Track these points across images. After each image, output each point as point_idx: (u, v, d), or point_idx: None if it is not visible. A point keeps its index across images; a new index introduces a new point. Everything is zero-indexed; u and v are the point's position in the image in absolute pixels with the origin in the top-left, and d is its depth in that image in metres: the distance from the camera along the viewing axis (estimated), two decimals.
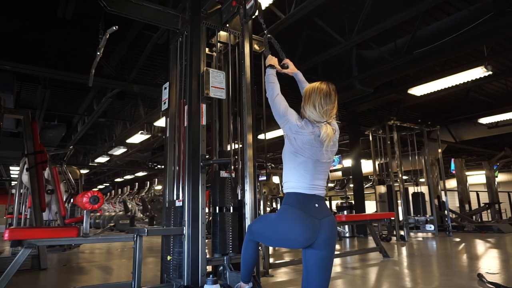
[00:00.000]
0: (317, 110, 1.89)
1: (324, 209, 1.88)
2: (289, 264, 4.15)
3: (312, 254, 1.85)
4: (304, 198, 1.86)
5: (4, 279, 2.58)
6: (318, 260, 1.84)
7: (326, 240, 1.83)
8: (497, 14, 4.69)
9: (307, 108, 1.93)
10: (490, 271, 3.69)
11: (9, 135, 9.43)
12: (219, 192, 3.07)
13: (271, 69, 2.21)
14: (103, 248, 7.22)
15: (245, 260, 2.14)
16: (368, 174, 12.77)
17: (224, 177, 3.11)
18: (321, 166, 1.91)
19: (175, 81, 3.46)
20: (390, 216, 6.77)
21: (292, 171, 1.90)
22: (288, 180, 1.92)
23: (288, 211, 1.86)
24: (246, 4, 2.88)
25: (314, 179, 1.88)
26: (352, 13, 5.39)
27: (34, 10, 5.25)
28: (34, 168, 4.90)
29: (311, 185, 1.88)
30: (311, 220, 1.81)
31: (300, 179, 1.88)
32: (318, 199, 1.88)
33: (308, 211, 1.83)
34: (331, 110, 1.91)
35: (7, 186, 19.10)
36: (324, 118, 1.89)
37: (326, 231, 1.83)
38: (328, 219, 1.85)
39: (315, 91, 1.93)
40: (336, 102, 1.93)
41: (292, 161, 1.91)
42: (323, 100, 1.89)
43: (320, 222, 1.82)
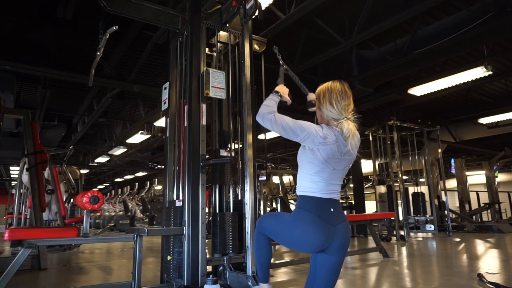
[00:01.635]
0: (335, 107, 1.83)
1: (339, 214, 1.84)
2: (289, 264, 4.15)
3: (323, 259, 1.82)
4: (320, 202, 1.81)
5: (4, 279, 2.58)
6: (328, 265, 1.81)
7: (340, 246, 1.79)
8: (497, 14, 4.69)
9: (324, 108, 1.86)
10: (490, 271, 3.69)
11: (9, 135, 9.43)
12: (218, 171, 3.06)
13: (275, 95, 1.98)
14: (103, 248, 7.22)
15: (258, 257, 2.04)
16: (368, 174, 12.77)
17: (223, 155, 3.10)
18: (338, 173, 1.86)
19: (175, 81, 3.46)
20: (390, 216, 6.77)
21: (308, 176, 1.84)
22: (303, 183, 1.86)
23: (303, 215, 1.80)
24: (246, 4, 2.88)
25: (329, 185, 1.83)
26: (352, 13, 5.39)
27: (34, 10, 5.25)
28: (34, 168, 4.90)
29: (326, 190, 1.83)
30: (326, 226, 1.76)
31: (316, 184, 1.82)
32: (333, 203, 1.84)
33: (324, 217, 1.78)
34: (348, 105, 1.85)
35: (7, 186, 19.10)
36: (343, 114, 1.83)
37: (340, 237, 1.79)
38: (342, 225, 1.81)
39: (329, 89, 1.87)
40: (351, 98, 1.88)
41: (309, 169, 1.84)
42: (339, 96, 1.84)
43: (335, 229, 1.78)
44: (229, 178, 3.11)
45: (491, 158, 12.54)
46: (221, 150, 3.12)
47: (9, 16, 5.30)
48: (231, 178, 3.12)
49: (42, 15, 5.32)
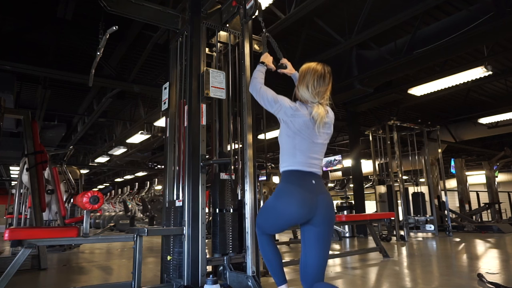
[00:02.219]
0: (309, 90, 1.93)
1: (321, 187, 1.91)
2: (289, 264, 4.15)
3: (310, 231, 1.88)
4: (301, 174, 1.89)
5: (4, 279, 2.58)
6: (316, 236, 1.86)
7: (325, 217, 1.86)
8: (497, 14, 4.69)
9: (300, 88, 1.98)
10: (490, 271, 3.69)
11: (9, 135, 9.43)
12: (219, 194, 3.06)
13: (261, 66, 2.26)
14: (103, 248, 7.22)
15: (268, 259, 2.05)
16: (368, 174, 12.78)
17: (224, 179, 3.10)
18: (317, 146, 1.94)
19: (175, 81, 3.46)
20: (390, 216, 6.76)
21: (289, 151, 1.94)
22: (284, 159, 1.96)
23: (285, 187, 1.90)
24: (246, 4, 2.88)
25: (310, 158, 1.92)
26: (352, 13, 5.39)
27: (34, 10, 5.25)
28: (34, 168, 4.90)
29: (307, 163, 1.91)
30: (307, 195, 1.84)
31: (296, 158, 1.91)
32: (315, 176, 1.92)
33: (305, 187, 1.86)
34: (323, 92, 1.96)
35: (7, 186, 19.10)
36: (316, 99, 1.94)
37: (323, 208, 1.86)
38: (324, 195, 1.89)
39: (310, 72, 1.97)
40: (330, 85, 1.98)
41: (288, 143, 1.94)
42: (316, 82, 1.94)
43: (317, 198, 1.85)
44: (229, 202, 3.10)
45: (491, 158, 12.54)
46: (221, 174, 3.11)
47: (9, 16, 5.31)
48: (232, 202, 3.11)
49: (42, 15, 5.32)
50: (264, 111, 3.49)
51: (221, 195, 3.06)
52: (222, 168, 3.14)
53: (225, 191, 3.09)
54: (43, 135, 9.90)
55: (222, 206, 3.05)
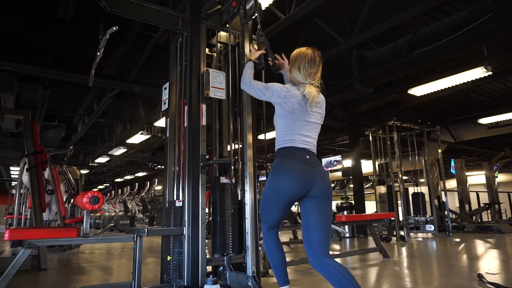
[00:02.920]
0: (301, 72, 2.05)
1: (315, 160, 1.98)
2: (289, 264, 4.15)
3: (310, 203, 1.93)
4: (295, 150, 1.96)
5: (4, 279, 2.58)
6: (316, 206, 1.92)
7: (322, 189, 1.92)
8: (497, 15, 4.69)
9: (293, 71, 2.09)
10: (490, 272, 3.69)
11: (9, 135, 9.43)
12: (219, 198, 3.06)
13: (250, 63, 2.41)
14: (103, 249, 7.22)
15: (272, 259, 2.05)
16: (368, 174, 12.77)
17: (224, 183, 3.10)
18: (310, 125, 2.02)
19: (175, 81, 3.47)
20: (390, 216, 6.76)
21: (283, 130, 2.02)
22: (279, 139, 2.04)
23: (279, 162, 1.97)
24: (246, 4, 2.88)
25: (304, 136, 2.00)
26: (352, 13, 5.39)
27: (34, 10, 5.25)
28: (34, 168, 4.90)
29: (301, 140, 1.98)
30: (303, 167, 1.90)
31: (290, 136, 1.99)
32: (309, 152, 1.98)
33: (300, 160, 1.92)
34: (315, 73, 2.07)
35: (7, 186, 19.10)
36: (307, 80, 2.05)
37: (320, 180, 1.92)
38: (320, 168, 1.96)
39: (301, 55, 2.09)
40: (320, 67, 2.10)
41: (282, 122, 2.03)
42: (307, 64, 2.05)
43: (313, 170, 1.92)
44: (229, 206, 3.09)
45: (491, 158, 12.54)
46: (221, 178, 3.11)
47: (9, 16, 5.31)
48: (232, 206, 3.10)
49: (42, 15, 5.32)
50: (264, 111, 3.49)
51: (221, 199, 3.06)
52: (222, 172, 3.14)
53: (225, 195, 3.09)
54: (43, 135, 9.90)
55: (222, 211, 3.04)
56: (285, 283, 2.02)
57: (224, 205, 3.07)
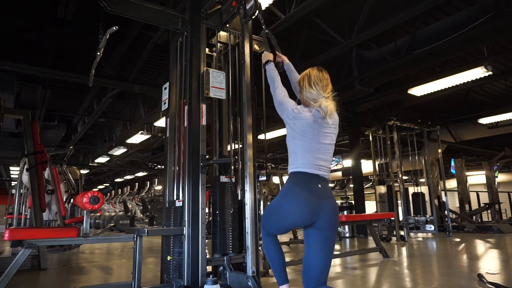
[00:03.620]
0: (313, 87, 2.00)
1: (327, 191, 1.93)
2: (289, 264, 4.15)
3: (313, 234, 1.90)
4: (307, 177, 1.92)
5: (4, 279, 2.58)
6: (319, 238, 1.88)
7: (328, 221, 1.88)
8: (497, 14, 4.69)
9: (304, 90, 2.05)
10: (490, 271, 3.69)
11: (9, 135, 9.43)
12: (219, 197, 3.06)
13: (270, 64, 2.34)
14: (103, 248, 7.22)
15: (271, 258, 2.07)
16: (368, 174, 12.77)
17: (224, 182, 3.10)
18: (324, 147, 1.98)
19: (175, 81, 3.46)
20: (390, 216, 6.76)
21: (296, 153, 1.97)
22: (292, 162, 2.00)
23: (290, 188, 1.93)
24: (246, 4, 2.88)
25: (317, 160, 1.94)
26: (352, 13, 5.39)
27: (34, 10, 5.25)
28: (34, 168, 4.90)
29: (315, 165, 1.93)
30: (312, 199, 1.86)
31: (303, 160, 1.94)
32: (321, 180, 1.94)
33: (310, 190, 1.88)
34: (326, 86, 2.03)
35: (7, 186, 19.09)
36: (322, 93, 2.00)
37: (327, 212, 1.88)
38: (329, 201, 1.91)
39: (307, 74, 2.08)
40: (329, 79, 2.07)
41: (295, 144, 1.99)
42: (316, 78, 2.02)
43: (321, 202, 1.87)
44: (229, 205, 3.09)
45: (491, 158, 12.53)
46: (221, 177, 3.11)
47: (9, 16, 5.31)
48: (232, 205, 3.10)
49: (42, 15, 5.32)
50: (264, 111, 3.49)
51: (221, 198, 3.06)
52: (222, 171, 3.14)
53: (225, 194, 3.09)
54: (43, 135, 9.90)
55: (222, 210, 3.05)
56: (284, 281, 2.04)
57: (224, 204, 3.07)
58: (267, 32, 2.66)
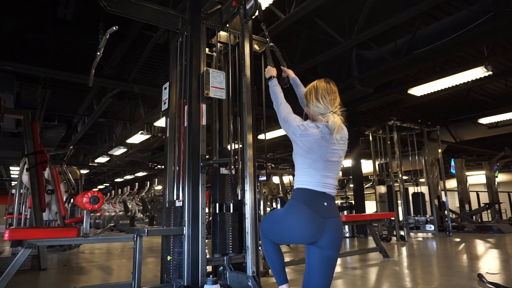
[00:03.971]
0: (321, 101, 1.93)
1: (333, 209, 1.88)
2: (289, 264, 4.15)
3: (316, 253, 1.85)
4: (314, 195, 1.87)
5: (4, 279, 2.58)
6: (321, 259, 1.84)
7: (331, 241, 1.83)
8: (497, 14, 4.69)
9: (311, 104, 1.97)
10: (490, 271, 3.69)
11: (9, 135, 9.43)
12: (219, 189, 3.07)
13: (274, 80, 2.24)
14: (103, 248, 7.22)
15: (270, 259, 2.07)
16: (368, 174, 12.77)
17: (224, 174, 3.11)
18: (332, 165, 1.91)
19: (175, 81, 3.46)
20: (390, 216, 6.76)
21: (303, 170, 1.92)
22: (299, 177, 1.94)
23: (295, 206, 1.87)
24: (246, 4, 2.88)
25: (324, 177, 1.89)
26: (352, 13, 5.39)
27: (34, 10, 5.25)
28: (34, 168, 4.90)
29: (322, 183, 1.88)
30: (316, 218, 1.81)
31: (310, 177, 1.89)
32: (327, 197, 1.89)
33: (315, 208, 1.83)
34: (334, 100, 1.95)
35: (7, 186, 19.09)
36: (329, 108, 1.93)
37: (331, 232, 1.82)
38: (334, 220, 1.85)
39: (315, 87, 2.00)
40: (337, 93, 1.99)
41: (302, 162, 1.92)
42: (324, 91, 1.95)
43: (326, 222, 1.82)
44: (229, 197, 3.10)
45: (491, 158, 12.53)
46: (221, 169, 3.12)
47: (9, 16, 5.31)
48: (232, 197, 3.11)
49: (42, 15, 5.32)
50: (264, 111, 3.49)
51: (221, 190, 3.07)
52: (222, 164, 3.15)
53: (225, 186, 3.10)
54: (43, 135, 9.90)
55: (222, 201, 3.05)
56: (284, 281, 2.03)
57: (224, 196, 3.07)
58: (271, 45, 2.55)
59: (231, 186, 3.12)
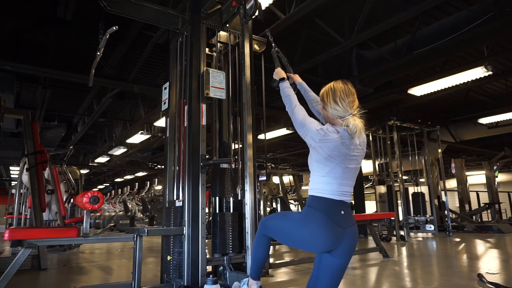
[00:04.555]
0: (339, 104, 1.81)
1: (349, 218, 1.83)
2: (289, 264, 4.15)
3: (327, 260, 1.81)
4: (331, 204, 1.79)
5: (4, 279, 2.58)
6: (332, 267, 1.80)
7: (346, 250, 1.80)
8: (497, 14, 4.69)
9: (328, 107, 1.85)
10: (490, 271, 3.69)
11: (9, 135, 9.43)
12: (218, 183, 3.07)
13: (284, 82, 2.14)
14: (103, 248, 7.22)
15: (256, 255, 2.06)
16: (368, 174, 12.76)
17: (224, 167, 3.11)
18: (349, 172, 1.83)
19: (175, 81, 3.47)
20: (390, 216, 6.77)
21: (320, 178, 1.83)
22: (316, 185, 1.85)
23: (314, 215, 1.79)
24: (246, 4, 2.89)
25: (342, 185, 1.82)
26: (352, 13, 5.39)
27: (34, 10, 5.25)
28: (34, 168, 4.90)
29: (339, 191, 1.81)
30: (335, 228, 1.75)
31: (328, 186, 1.81)
32: (344, 205, 1.82)
33: (334, 218, 1.77)
34: (352, 102, 1.84)
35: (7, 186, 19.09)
36: (348, 110, 1.82)
37: (348, 241, 1.79)
38: (351, 229, 1.81)
39: (332, 89, 1.87)
40: (355, 95, 1.87)
41: (320, 170, 1.83)
42: (342, 93, 1.83)
43: (343, 231, 1.77)
44: (229, 191, 3.10)
45: (491, 158, 12.54)
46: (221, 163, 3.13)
47: (9, 16, 5.30)
48: (232, 191, 3.11)
49: (42, 15, 5.32)
50: (264, 111, 3.50)
51: (221, 184, 3.07)
52: (222, 155, 3.15)
53: (225, 180, 3.10)
54: (43, 135, 9.90)
55: (222, 195, 3.06)
56: (259, 277, 2.09)
57: (224, 190, 3.07)
58: (277, 50, 2.48)
59: (231, 179, 3.13)
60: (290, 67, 2.43)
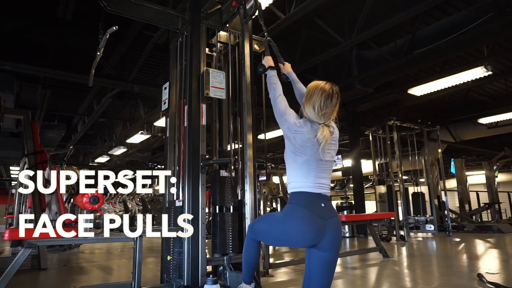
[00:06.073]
0: (315, 111, 1.89)
1: (330, 209, 1.87)
2: (289, 264, 4.15)
3: (316, 255, 1.84)
4: (310, 197, 1.84)
5: (4, 279, 2.58)
6: (321, 261, 1.83)
7: (331, 242, 1.82)
8: (497, 14, 4.69)
9: (306, 107, 1.93)
10: (490, 271, 3.69)
11: (9, 135, 9.42)
12: (219, 191, 3.07)
13: (272, 70, 2.22)
14: (103, 248, 7.22)
15: (247, 260, 2.10)
16: (368, 174, 12.77)
17: (224, 176, 3.11)
18: (324, 164, 1.89)
19: (175, 81, 3.47)
20: (390, 216, 6.77)
21: (296, 171, 1.89)
22: (293, 180, 1.91)
23: (295, 210, 1.84)
24: (246, 4, 2.88)
25: (318, 178, 1.87)
26: (352, 13, 5.39)
27: (34, 10, 5.25)
28: (34, 168, 4.90)
29: (316, 184, 1.86)
30: (317, 220, 1.80)
31: (304, 179, 1.86)
32: (324, 198, 1.87)
33: (315, 210, 1.81)
34: (330, 114, 1.91)
35: (7, 186, 19.09)
36: (321, 120, 1.89)
37: (331, 233, 1.82)
38: (333, 220, 1.84)
39: (318, 91, 1.91)
40: (337, 106, 1.92)
41: (294, 161, 1.90)
42: (323, 102, 1.88)
43: (325, 223, 1.81)
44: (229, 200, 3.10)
45: (491, 158, 12.53)
46: (221, 171, 3.12)
47: (9, 16, 5.30)
48: (232, 200, 3.11)
49: (42, 15, 5.32)
50: (264, 111, 3.49)
51: (221, 192, 3.07)
52: (222, 166, 3.15)
53: (225, 188, 3.10)
54: (43, 135, 9.89)
55: (222, 204, 3.05)
56: (252, 281, 2.13)
57: (224, 198, 3.07)
58: (269, 39, 2.51)
59: (231, 188, 3.12)
60: (281, 57, 2.44)
